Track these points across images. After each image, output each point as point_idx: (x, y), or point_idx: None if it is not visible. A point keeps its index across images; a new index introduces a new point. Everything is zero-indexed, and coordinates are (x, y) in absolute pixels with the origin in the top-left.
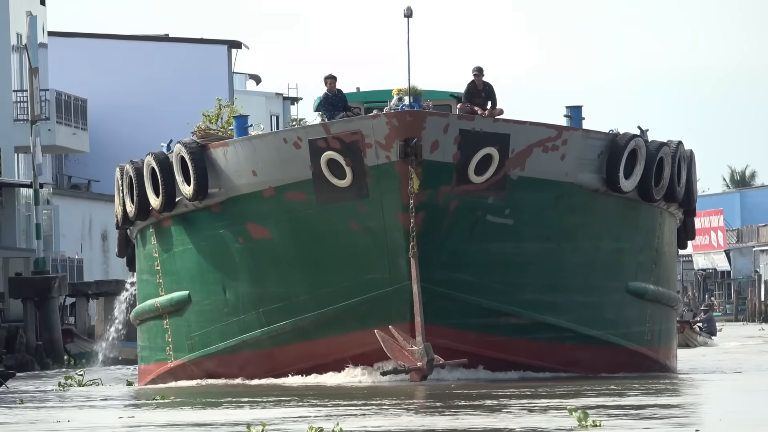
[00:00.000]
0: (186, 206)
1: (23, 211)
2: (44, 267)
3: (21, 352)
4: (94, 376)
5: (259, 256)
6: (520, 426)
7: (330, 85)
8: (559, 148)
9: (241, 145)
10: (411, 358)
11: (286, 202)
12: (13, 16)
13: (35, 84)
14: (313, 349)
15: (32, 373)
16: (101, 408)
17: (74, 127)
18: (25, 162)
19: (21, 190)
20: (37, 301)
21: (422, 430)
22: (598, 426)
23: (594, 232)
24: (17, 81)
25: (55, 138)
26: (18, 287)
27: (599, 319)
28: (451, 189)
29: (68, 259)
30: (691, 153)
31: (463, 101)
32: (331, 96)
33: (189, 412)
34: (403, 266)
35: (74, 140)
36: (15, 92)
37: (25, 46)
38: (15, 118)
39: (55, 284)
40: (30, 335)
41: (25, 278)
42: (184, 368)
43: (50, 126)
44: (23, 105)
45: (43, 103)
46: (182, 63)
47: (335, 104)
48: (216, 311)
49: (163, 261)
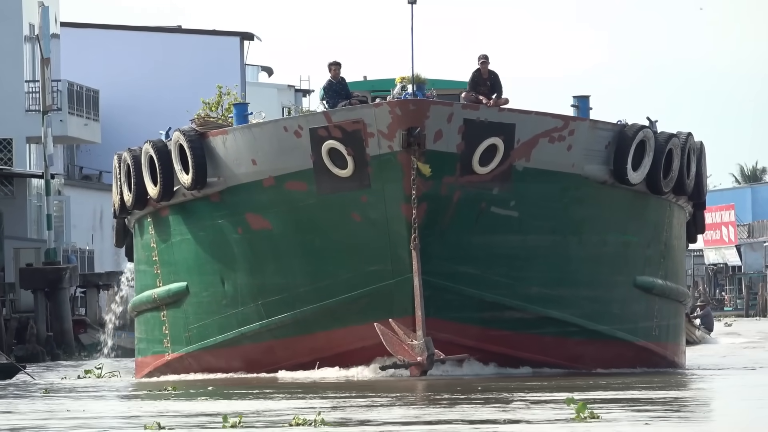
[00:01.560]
0: (184, 195)
1: (34, 201)
2: (55, 258)
3: (32, 343)
4: (112, 369)
5: (259, 247)
6: (516, 417)
7: (334, 72)
8: (566, 138)
9: (241, 133)
10: (411, 353)
11: (286, 191)
12: (26, 7)
13: (47, 75)
14: (313, 343)
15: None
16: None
17: (86, 118)
18: (36, 152)
19: (32, 180)
20: (48, 292)
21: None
22: (596, 417)
23: (601, 225)
24: (29, 71)
25: (67, 129)
26: (29, 278)
27: (606, 314)
28: (455, 180)
29: (79, 249)
30: (701, 145)
31: (468, 90)
32: (335, 83)
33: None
34: (405, 258)
35: (86, 131)
36: (27, 83)
37: (37, 37)
38: (27, 109)
39: (66, 275)
40: (41, 326)
41: (36, 269)
42: (182, 361)
43: (62, 117)
44: (35, 95)
45: (55, 93)
46: (194, 55)
47: (338, 92)
48: (214, 303)
49: (161, 251)
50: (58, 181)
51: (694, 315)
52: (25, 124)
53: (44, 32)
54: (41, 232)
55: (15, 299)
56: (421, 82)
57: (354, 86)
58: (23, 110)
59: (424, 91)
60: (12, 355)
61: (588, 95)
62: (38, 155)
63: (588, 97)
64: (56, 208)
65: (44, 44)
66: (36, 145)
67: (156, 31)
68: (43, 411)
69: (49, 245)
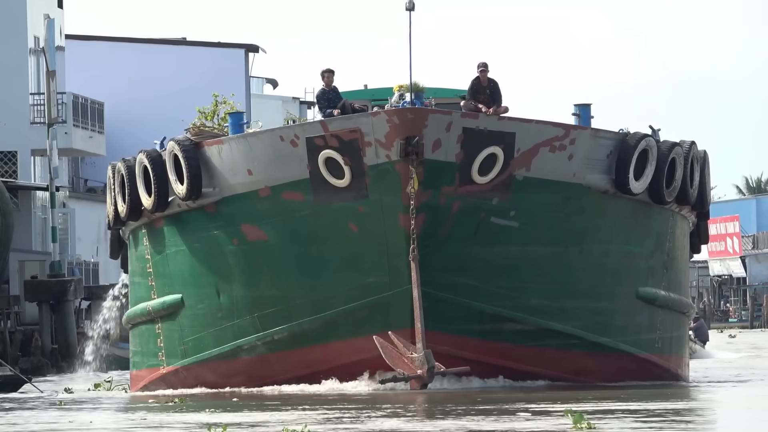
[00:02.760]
0: (179, 206)
1: (39, 214)
2: (60, 270)
3: (36, 356)
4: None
5: (255, 258)
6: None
7: (327, 79)
8: (567, 147)
9: (237, 142)
10: (411, 366)
11: (282, 202)
12: (31, 19)
13: (52, 87)
14: (310, 356)
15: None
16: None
17: (91, 131)
18: (41, 165)
19: (37, 193)
20: (53, 305)
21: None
22: (593, 428)
23: (603, 236)
24: (34, 84)
25: (72, 141)
26: (34, 290)
27: (608, 326)
28: (454, 190)
29: (84, 262)
30: (704, 154)
31: (467, 98)
32: (328, 91)
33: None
34: (404, 270)
35: (91, 143)
36: (32, 95)
37: (42, 49)
38: (32, 121)
39: (70, 287)
40: (45, 338)
41: (40, 281)
42: (177, 374)
43: (67, 129)
44: (40, 108)
45: (60, 106)
46: (199, 67)
47: (331, 100)
48: (210, 315)
49: (156, 263)
50: (62, 194)
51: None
52: (29, 137)
53: (49, 45)
54: (46, 245)
55: (20, 312)
56: (419, 91)
57: (354, 95)
58: (28, 123)
59: (422, 99)
60: (17, 367)
61: (589, 103)
62: (43, 168)
63: (589, 106)
64: (61, 220)
65: (49, 57)
66: (41, 158)
67: (161, 43)
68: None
69: (53, 257)
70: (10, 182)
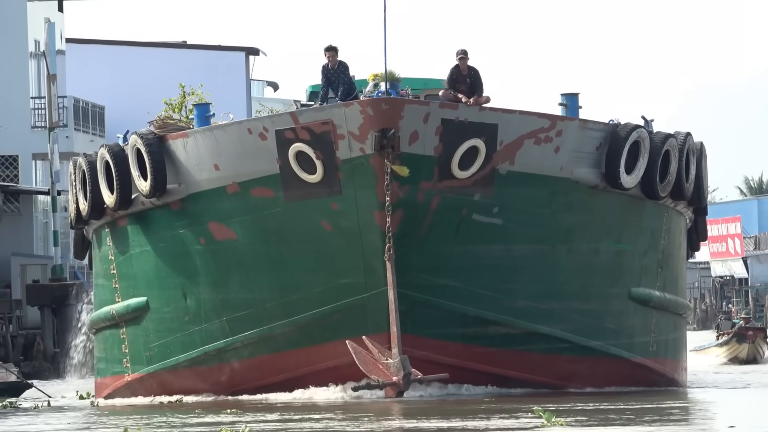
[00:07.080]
0: (143, 204)
1: (41, 218)
2: (62, 274)
3: (38, 360)
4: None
5: (223, 258)
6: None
7: (330, 57)
8: (553, 139)
9: (202, 136)
10: (386, 372)
11: (251, 199)
12: (31, 23)
13: (53, 91)
14: (282, 362)
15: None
16: None
17: (92, 134)
18: (42, 169)
19: (39, 197)
20: (55, 309)
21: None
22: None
23: (592, 233)
24: (35, 88)
25: (73, 145)
26: (35, 294)
27: (598, 329)
28: (433, 185)
29: (85, 266)
30: (701, 146)
31: (446, 88)
32: (329, 69)
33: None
34: (380, 270)
35: (92, 147)
36: (33, 99)
37: (43, 53)
38: (33, 125)
39: (72, 291)
40: (47, 342)
41: (42, 285)
42: (143, 382)
43: (68, 133)
44: (41, 112)
45: (60, 110)
46: (200, 70)
47: (332, 79)
48: (176, 320)
49: (119, 264)
50: (64, 198)
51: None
52: (31, 141)
53: (50, 48)
54: (48, 249)
55: (21, 316)
56: (395, 80)
57: None
58: (29, 127)
59: (398, 89)
60: (18, 371)
61: (577, 93)
62: (44, 172)
63: (577, 95)
64: (62, 224)
65: (50, 60)
66: (42, 162)
67: (161, 46)
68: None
69: (55, 261)
70: (11, 187)
